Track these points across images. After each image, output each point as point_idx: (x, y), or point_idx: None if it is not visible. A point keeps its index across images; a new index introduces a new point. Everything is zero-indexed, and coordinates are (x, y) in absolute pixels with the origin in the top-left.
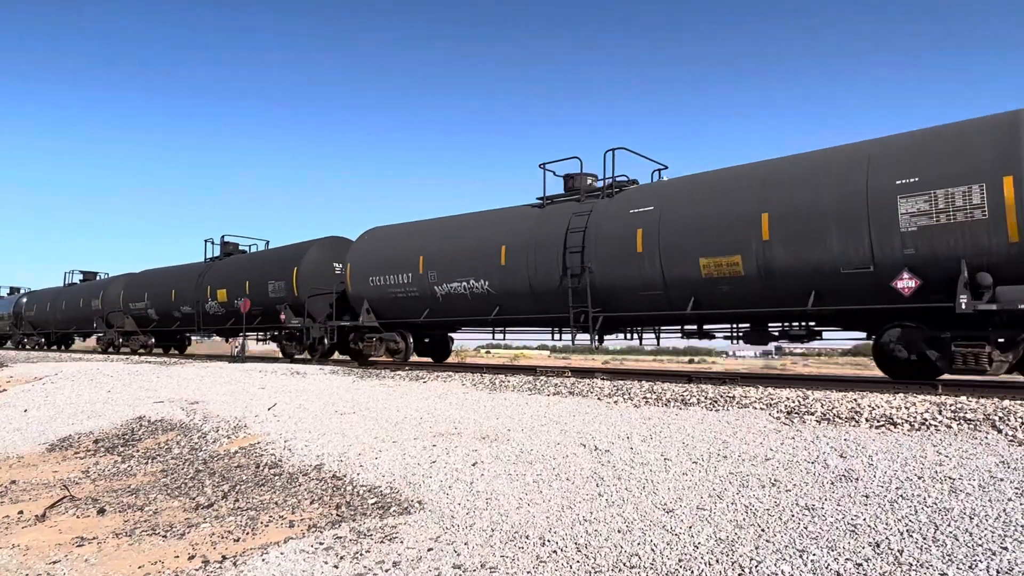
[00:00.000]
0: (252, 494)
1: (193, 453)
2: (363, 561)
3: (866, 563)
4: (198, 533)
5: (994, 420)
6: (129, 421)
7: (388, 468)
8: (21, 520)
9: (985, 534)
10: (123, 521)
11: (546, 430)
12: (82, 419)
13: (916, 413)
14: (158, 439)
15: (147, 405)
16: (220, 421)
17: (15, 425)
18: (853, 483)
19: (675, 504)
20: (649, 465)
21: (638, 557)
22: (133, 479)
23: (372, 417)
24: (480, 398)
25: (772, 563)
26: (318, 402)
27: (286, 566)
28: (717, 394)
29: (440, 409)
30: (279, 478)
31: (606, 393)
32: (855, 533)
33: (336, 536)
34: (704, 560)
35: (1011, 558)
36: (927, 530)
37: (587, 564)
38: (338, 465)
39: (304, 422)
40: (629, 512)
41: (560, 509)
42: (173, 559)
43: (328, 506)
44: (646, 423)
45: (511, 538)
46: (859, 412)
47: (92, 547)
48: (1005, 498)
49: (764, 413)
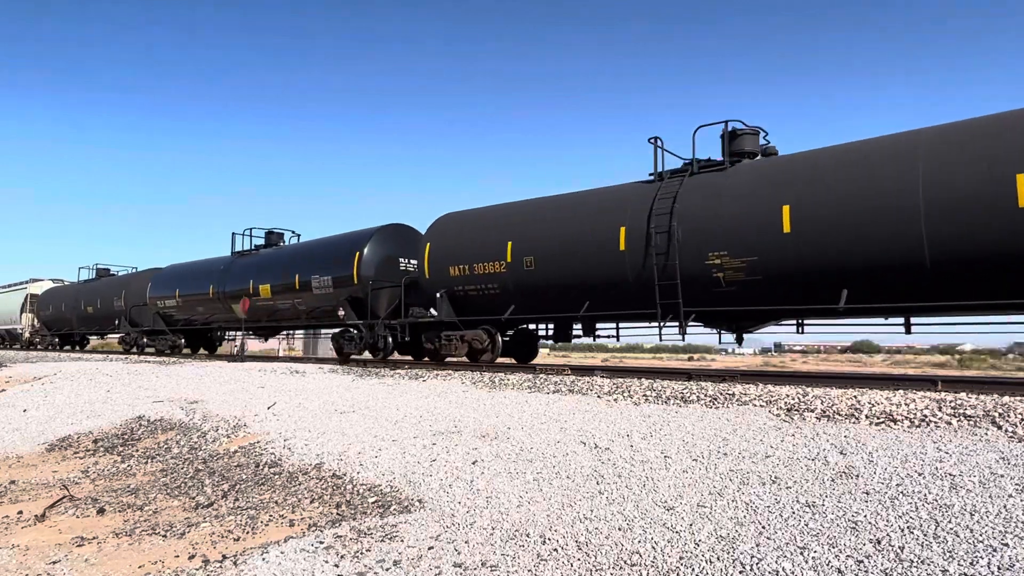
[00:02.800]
0: (252, 493)
1: (193, 452)
2: (363, 560)
3: (867, 560)
4: (198, 532)
5: (994, 416)
6: (128, 421)
7: (388, 467)
8: (21, 520)
9: (986, 530)
10: (123, 521)
11: (546, 428)
12: (81, 419)
13: (916, 410)
14: (157, 438)
15: (146, 404)
16: (220, 420)
17: (14, 425)
18: (853, 480)
19: (675, 502)
20: (649, 463)
21: (639, 555)
22: (133, 479)
23: (372, 416)
24: (480, 396)
25: (773, 560)
26: (318, 401)
27: (286, 565)
28: (717, 391)
29: (440, 407)
30: (279, 477)
31: (606, 391)
32: (856, 530)
33: (336, 535)
34: (705, 558)
35: (1012, 554)
36: (928, 527)
37: (588, 562)
38: (338, 464)
39: (304, 421)
40: (630, 510)
41: (560, 507)
42: (173, 558)
43: (328, 505)
44: (646, 421)
45: (512, 536)
46: (859, 409)
47: (92, 547)
48: (1006, 494)
49: (764, 410)
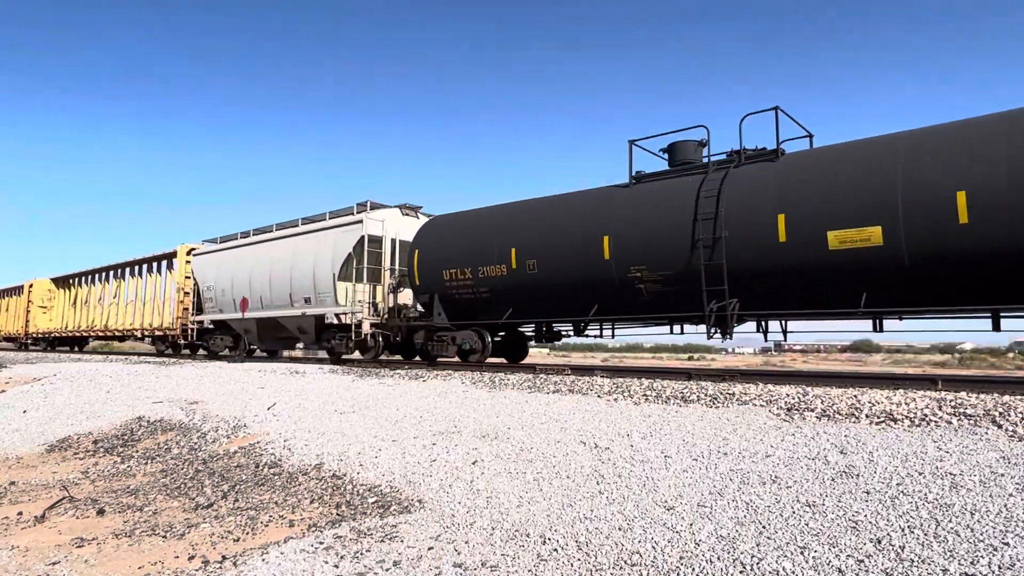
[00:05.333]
0: (252, 494)
1: (192, 453)
2: (363, 560)
3: (867, 559)
4: (198, 533)
5: (994, 415)
6: (128, 421)
7: (388, 467)
8: (20, 521)
9: (986, 530)
10: (123, 521)
11: (546, 428)
12: (81, 420)
13: (916, 409)
14: (157, 439)
15: (146, 405)
16: (219, 421)
17: (14, 426)
18: (854, 479)
19: (676, 501)
20: (649, 462)
21: (639, 555)
22: (132, 479)
23: (372, 416)
24: (480, 396)
25: (773, 560)
26: (317, 401)
27: (286, 566)
28: (717, 391)
29: (440, 407)
30: (279, 478)
31: (606, 391)
32: (856, 529)
33: (336, 535)
34: (705, 557)
35: (1012, 553)
36: (928, 526)
37: (588, 562)
38: (338, 464)
39: (304, 421)
40: (630, 510)
41: (561, 507)
42: (173, 559)
43: (328, 505)
44: (646, 420)
45: (512, 536)
46: (859, 408)
47: (92, 548)
48: (1006, 493)
49: (764, 410)
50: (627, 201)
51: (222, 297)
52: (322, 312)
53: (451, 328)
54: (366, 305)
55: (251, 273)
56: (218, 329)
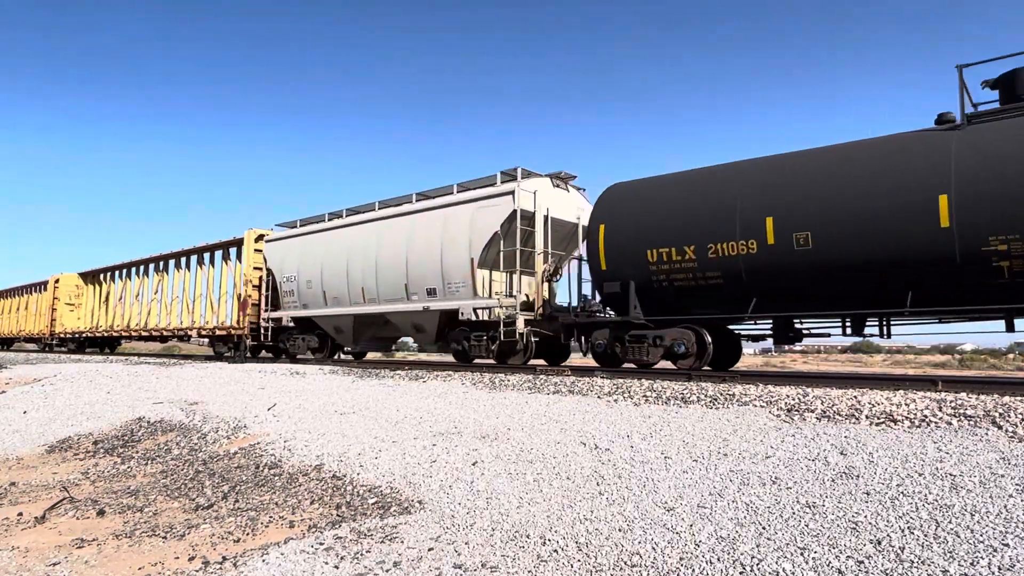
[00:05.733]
0: (252, 494)
1: (193, 454)
2: (363, 561)
3: (867, 560)
4: (198, 534)
5: (994, 416)
6: (128, 422)
7: (388, 468)
8: (21, 522)
9: (986, 530)
10: (123, 522)
11: (546, 429)
12: (81, 420)
13: (916, 410)
14: (157, 440)
15: (146, 406)
16: (220, 421)
17: (14, 427)
18: (854, 480)
19: (676, 502)
20: (649, 463)
21: (639, 556)
22: (133, 480)
23: (372, 417)
24: (480, 397)
25: (773, 561)
26: (318, 402)
27: (286, 567)
28: (717, 392)
29: (440, 408)
30: (279, 478)
31: (606, 391)
32: (856, 530)
33: (336, 536)
34: (705, 558)
35: (1012, 554)
36: (928, 527)
37: (588, 563)
38: (338, 465)
39: (304, 422)
40: (630, 510)
41: (561, 508)
42: (173, 560)
43: (328, 506)
44: (646, 421)
45: (512, 537)
46: (859, 409)
47: (92, 548)
48: (1006, 494)
49: (764, 411)
50: (974, 147)
51: (307, 290)
52: (453, 306)
53: (649, 326)
54: (518, 298)
55: (348, 260)
56: (299, 327)
